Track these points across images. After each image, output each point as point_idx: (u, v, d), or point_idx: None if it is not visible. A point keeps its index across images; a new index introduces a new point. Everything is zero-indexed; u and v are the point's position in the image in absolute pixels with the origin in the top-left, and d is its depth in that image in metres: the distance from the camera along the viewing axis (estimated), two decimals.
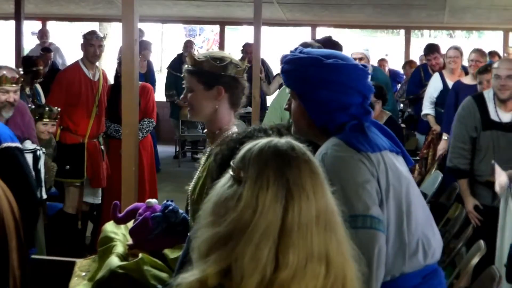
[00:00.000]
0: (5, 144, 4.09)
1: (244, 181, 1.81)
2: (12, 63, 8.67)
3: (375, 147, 2.85)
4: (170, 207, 3.48)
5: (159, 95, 12.48)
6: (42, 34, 13.20)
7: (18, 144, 4.34)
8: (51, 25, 15.08)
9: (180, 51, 12.80)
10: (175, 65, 12.25)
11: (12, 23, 10.26)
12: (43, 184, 5.77)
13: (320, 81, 2.86)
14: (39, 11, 13.15)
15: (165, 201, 3.55)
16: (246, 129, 2.55)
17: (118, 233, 3.72)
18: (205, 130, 3.45)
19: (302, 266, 1.75)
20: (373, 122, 3.03)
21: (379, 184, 2.79)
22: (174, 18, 14.83)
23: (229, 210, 1.79)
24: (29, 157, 5.58)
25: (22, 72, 6.25)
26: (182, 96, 3.40)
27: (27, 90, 7.92)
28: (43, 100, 8.07)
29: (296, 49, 3.07)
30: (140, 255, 3.35)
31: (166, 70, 12.68)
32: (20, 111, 5.56)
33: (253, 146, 1.88)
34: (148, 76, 11.46)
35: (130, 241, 3.60)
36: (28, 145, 5.60)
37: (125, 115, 4.97)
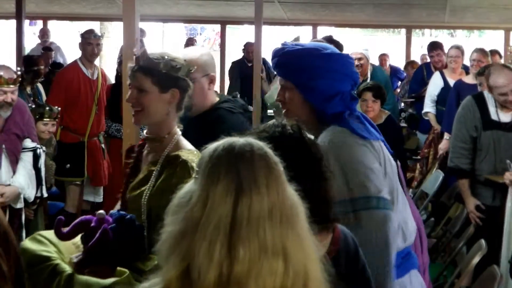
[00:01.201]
0: None
1: (197, 178, 1.81)
2: (13, 63, 8.68)
3: (374, 136, 3.07)
4: (127, 216, 3.13)
5: None
6: (43, 34, 13.21)
7: None
8: (52, 25, 15.08)
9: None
10: None
11: (13, 23, 10.26)
12: (43, 182, 5.78)
13: (319, 70, 3.04)
14: (40, 11, 13.15)
15: (115, 211, 3.20)
16: (265, 124, 2.47)
17: (50, 251, 3.07)
18: (146, 134, 3.25)
19: (255, 260, 1.72)
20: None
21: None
22: (175, 17, 14.82)
23: (183, 207, 1.79)
24: (29, 156, 5.58)
25: (22, 72, 6.25)
26: (128, 96, 3.18)
27: (28, 89, 7.93)
28: (44, 100, 8.07)
29: (285, 43, 3.21)
30: (114, 269, 3.04)
31: None
32: (19, 110, 5.56)
33: (211, 146, 1.87)
34: None
35: (74, 257, 3.08)
36: (28, 143, 5.61)
37: (126, 114, 4.96)
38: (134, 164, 3.31)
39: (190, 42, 12.87)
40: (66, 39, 16.07)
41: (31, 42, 14.67)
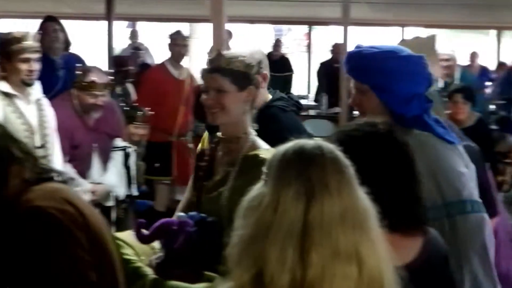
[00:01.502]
0: None
1: (267, 182, 1.80)
2: (103, 63, 8.84)
3: (457, 140, 3.05)
4: (209, 219, 3.13)
5: None
6: (132, 35, 13.43)
7: None
8: (141, 26, 15.30)
9: (269, 50, 12.85)
10: None
11: (104, 24, 10.44)
12: (133, 181, 5.86)
13: (397, 72, 3.03)
14: (129, 12, 13.36)
15: (193, 213, 3.15)
16: (355, 122, 2.44)
17: (128, 253, 3.06)
18: (221, 135, 3.26)
19: (328, 265, 1.69)
20: None
21: None
22: (262, 18, 14.87)
23: (253, 212, 1.77)
24: (119, 155, 5.68)
25: (112, 72, 6.36)
26: (207, 97, 3.19)
27: (118, 89, 8.05)
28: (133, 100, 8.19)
29: (360, 46, 3.20)
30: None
31: None
32: (110, 110, 5.66)
33: (281, 148, 1.85)
34: None
35: (153, 260, 3.08)
36: (118, 142, 5.70)
37: None
38: (208, 166, 3.31)
39: (277, 43, 12.88)
40: (155, 41, 16.25)
41: (121, 43, 14.91)
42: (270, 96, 3.92)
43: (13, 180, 2.50)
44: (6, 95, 4.80)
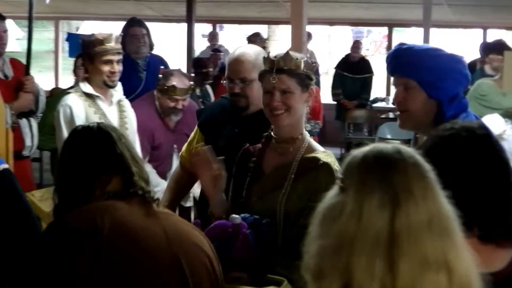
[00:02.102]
0: (3, 166, 3.25)
1: (348, 189, 1.73)
2: (183, 65, 8.93)
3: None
4: (263, 221, 3.09)
5: (326, 97, 12.55)
6: (212, 37, 13.53)
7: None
8: (220, 28, 15.40)
9: (348, 52, 12.80)
10: (342, 65, 12.30)
11: (184, 26, 10.55)
12: None
13: (446, 70, 3.09)
14: (209, 14, 13.47)
15: (246, 215, 3.11)
16: (451, 125, 2.40)
17: None
18: (275, 135, 3.24)
19: (417, 275, 1.64)
20: None
21: None
22: (341, 20, 14.82)
23: (334, 220, 1.71)
24: None
25: (192, 75, 6.41)
26: (272, 99, 3.15)
27: (197, 91, 8.12)
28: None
29: (403, 44, 3.23)
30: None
31: (333, 71, 12.71)
32: (190, 111, 5.70)
33: (358, 153, 1.80)
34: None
35: None
36: None
37: None
38: (256, 167, 3.27)
39: (356, 44, 12.82)
40: (234, 42, 16.35)
41: (200, 44, 15.05)
42: None
43: (97, 190, 2.57)
44: (89, 96, 4.89)
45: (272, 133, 3.26)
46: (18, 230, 3.04)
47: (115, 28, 9.14)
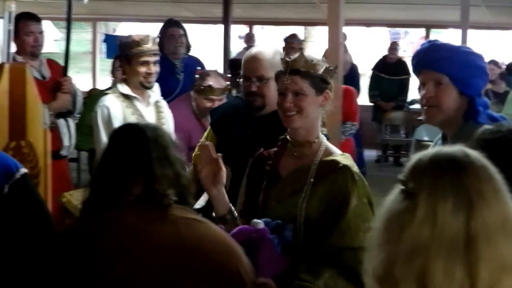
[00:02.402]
0: (22, 170, 3.15)
1: (418, 194, 1.67)
2: (220, 66, 8.95)
3: None
4: (287, 226, 3.04)
5: (362, 98, 12.51)
6: (249, 38, 13.55)
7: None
8: (257, 29, 15.42)
9: (385, 53, 12.75)
10: (379, 67, 12.26)
11: (220, 27, 10.58)
12: None
13: (478, 67, 3.19)
14: (246, 15, 13.49)
15: (267, 219, 3.06)
16: (497, 128, 2.35)
17: None
18: (291, 139, 3.19)
19: (497, 279, 1.60)
20: None
21: None
22: (378, 21, 14.76)
23: (405, 226, 1.66)
24: None
25: (229, 75, 6.42)
26: (284, 100, 3.11)
27: (234, 92, 8.13)
28: None
29: (432, 41, 3.33)
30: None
31: (370, 72, 12.67)
32: None
33: (423, 156, 1.74)
34: (350, 79, 11.50)
35: None
36: None
37: (328, 118, 5.00)
38: (272, 171, 3.22)
39: (393, 46, 12.76)
40: (270, 44, 16.36)
41: (237, 46, 15.07)
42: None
43: (123, 191, 2.58)
44: (126, 97, 4.92)
45: (288, 136, 3.23)
46: (36, 236, 3.05)
47: (152, 29, 9.19)
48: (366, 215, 3.01)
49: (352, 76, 11.69)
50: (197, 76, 5.57)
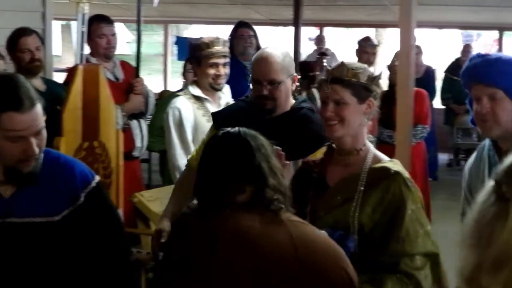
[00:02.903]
0: (96, 179, 3.16)
1: (503, 197, 1.61)
2: None
3: None
4: (349, 237, 3.00)
5: (434, 101, 12.38)
6: (319, 40, 13.52)
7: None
8: (327, 31, 15.38)
9: (458, 56, 12.60)
10: (453, 69, 12.12)
11: (291, 29, 10.57)
12: None
13: None
14: (316, 18, 13.46)
15: (331, 230, 2.99)
16: None
17: None
18: (337, 147, 3.16)
19: None
20: None
21: None
22: (450, 23, 14.58)
23: (496, 230, 1.59)
24: None
25: (299, 76, 6.40)
26: (325, 109, 3.08)
27: (304, 94, 8.12)
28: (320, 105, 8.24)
29: (481, 55, 3.21)
30: None
31: (443, 75, 12.52)
32: None
33: None
34: (424, 81, 11.40)
35: None
36: None
37: (399, 120, 4.97)
38: (319, 179, 3.17)
39: (466, 48, 12.60)
40: (341, 46, 16.29)
41: (307, 48, 15.06)
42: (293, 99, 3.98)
43: (227, 198, 2.60)
44: (197, 98, 4.95)
45: (333, 145, 3.20)
46: (109, 246, 3.08)
47: (222, 31, 9.24)
48: (423, 220, 2.99)
49: (427, 79, 11.58)
50: None
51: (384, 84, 7.82)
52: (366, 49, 7.24)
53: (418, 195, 3.05)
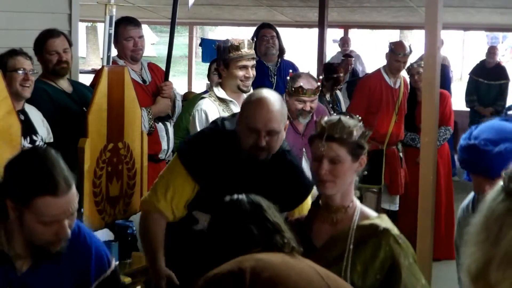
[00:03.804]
0: (114, 265, 3.09)
1: None
2: (314, 70, 8.94)
3: None
4: None
5: (460, 103, 12.33)
6: (344, 42, 13.50)
7: None
8: (352, 33, 15.35)
9: (483, 58, 12.54)
10: (477, 71, 12.06)
11: (316, 31, 10.57)
12: None
13: None
14: (341, 19, 13.44)
15: None
16: None
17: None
18: (325, 204, 3.11)
19: None
20: None
21: None
22: (476, 25, 14.51)
23: (505, 227, 1.58)
24: None
25: (322, 79, 6.40)
26: (320, 167, 3.02)
27: (327, 96, 8.11)
28: (343, 107, 8.22)
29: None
30: None
31: (468, 77, 12.47)
32: (320, 114, 5.70)
33: None
34: (443, 82, 11.35)
35: None
36: None
37: (425, 123, 4.94)
38: (305, 240, 2.98)
39: (492, 50, 12.53)
40: (366, 47, 16.26)
41: (332, 50, 15.04)
42: None
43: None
44: (222, 100, 4.95)
45: (320, 202, 3.14)
46: None
47: (248, 33, 9.24)
48: (418, 274, 2.97)
49: (442, 77, 11.51)
50: (288, 78, 5.59)
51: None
52: (398, 58, 7.16)
53: (411, 250, 3.02)
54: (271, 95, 3.65)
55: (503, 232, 1.58)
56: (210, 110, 4.89)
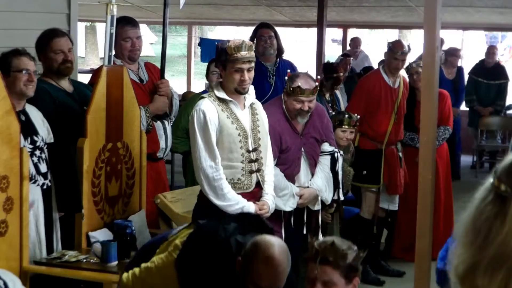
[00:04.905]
0: None
1: (510, 200, 1.54)
2: (313, 69, 8.94)
3: None
4: None
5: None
6: (354, 43, 13.48)
7: None
8: (351, 33, 15.34)
9: (482, 57, 12.53)
10: (476, 71, 12.06)
11: (314, 31, 10.57)
12: (340, 186, 5.87)
13: None
14: (340, 19, 13.45)
15: None
16: None
17: None
18: None
19: None
20: None
21: None
22: (475, 25, 14.50)
23: (493, 230, 1.54)
24: (327, 159, 5.71)
25: (322, 79, 6.39)
26: None
27: (327, 96, 8.10)
28: (342, 107, 8.21)
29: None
30: None
31: (467, 76, 12.47)
32: (319, 114, 5.70)
33: None
34: (457, 83, 11.38)
35: None
36: (326, 147, 5.73)
37: (423, 122, 4.94)
38: None
39: (491, 50, 12.52)
40: (365, 47, 16.24)
41: (332, 49, 15.02)
42: None
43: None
44: (222, 100, 4.95)
45: None
46: None
47: (247, 33, 9.24)
48: None
49: (460, 80, 11.53)
50: (286, 78, 5.59)
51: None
52: (396, 56, 7.14)
53: None
54: (278, 252, 3.34)
55: (491, 237, 1.55)
56: (209, 110, 4.88)
